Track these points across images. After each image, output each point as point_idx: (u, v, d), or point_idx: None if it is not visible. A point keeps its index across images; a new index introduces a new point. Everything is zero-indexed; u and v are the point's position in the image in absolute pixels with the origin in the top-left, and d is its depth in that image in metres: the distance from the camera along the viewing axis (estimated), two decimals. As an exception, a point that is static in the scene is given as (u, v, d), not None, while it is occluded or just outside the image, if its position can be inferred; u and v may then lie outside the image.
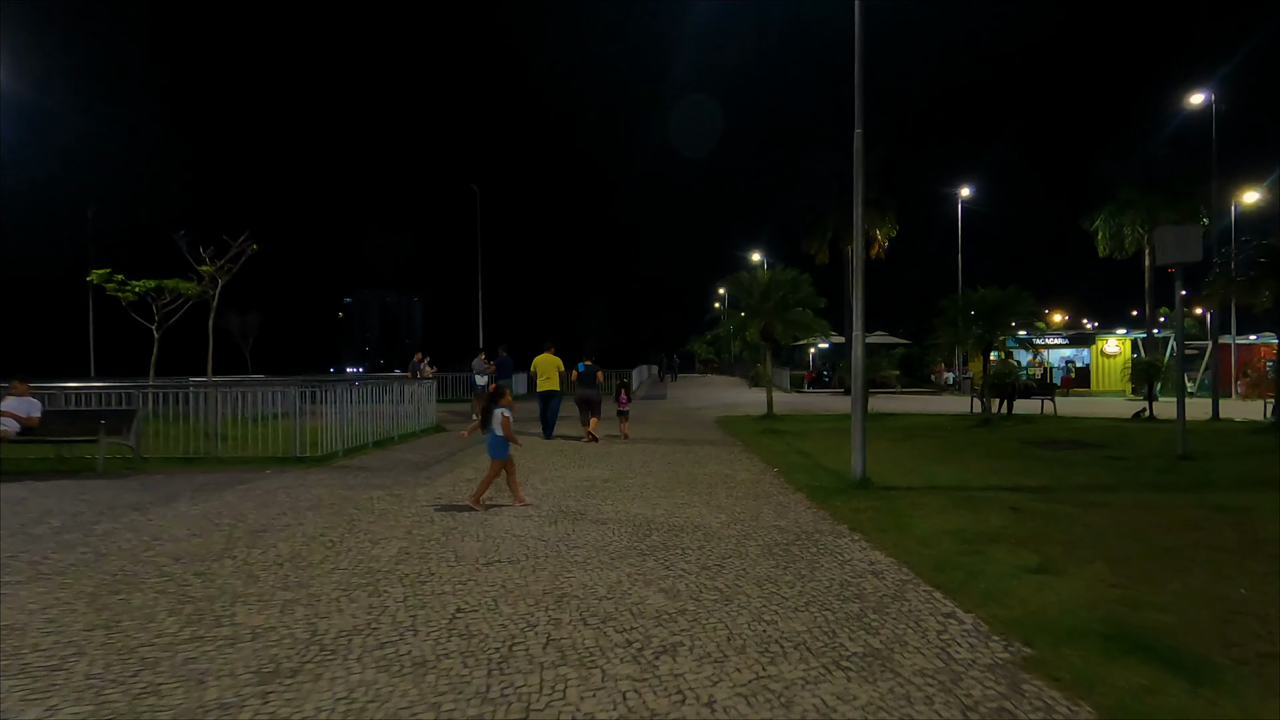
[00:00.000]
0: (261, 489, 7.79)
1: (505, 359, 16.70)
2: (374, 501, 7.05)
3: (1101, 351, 32.91)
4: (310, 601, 4.08)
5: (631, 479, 8.39)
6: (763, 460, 9.89)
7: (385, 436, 12.20)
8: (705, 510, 6.56)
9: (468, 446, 11.61)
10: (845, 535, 5.60)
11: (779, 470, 8.97)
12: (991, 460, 9.77)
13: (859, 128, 7.58)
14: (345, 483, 8.18)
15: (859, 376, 7.69)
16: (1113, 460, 9.68)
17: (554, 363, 12.79)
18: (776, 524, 6.00)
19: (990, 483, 7.91)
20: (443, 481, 8.23)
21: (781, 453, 10.63)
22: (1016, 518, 6.07)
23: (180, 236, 12.56)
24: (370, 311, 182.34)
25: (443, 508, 6.74)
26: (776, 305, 16.03)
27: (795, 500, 7.08)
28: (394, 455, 10.66)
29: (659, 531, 5.74)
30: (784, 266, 16.51)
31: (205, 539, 5.56)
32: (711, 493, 7.45)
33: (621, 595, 4.16)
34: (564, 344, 15.09)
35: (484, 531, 5.77)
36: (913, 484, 7.81)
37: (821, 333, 16.73)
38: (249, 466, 9.50)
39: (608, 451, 10.93)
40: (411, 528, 5.91)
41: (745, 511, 6.51)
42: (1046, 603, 3.94)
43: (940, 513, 6.29)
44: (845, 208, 28.30)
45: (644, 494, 7.42)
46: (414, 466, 9.47)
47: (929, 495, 7.10)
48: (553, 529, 5.85)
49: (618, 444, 11.95)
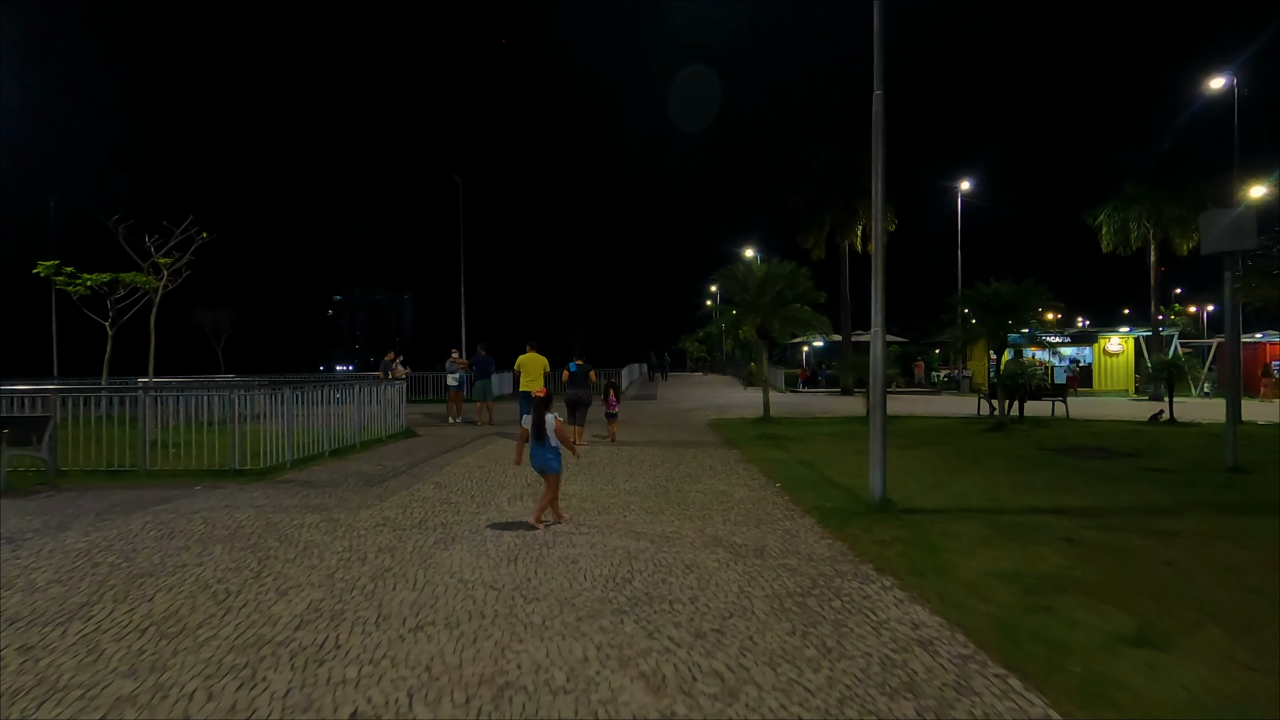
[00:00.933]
0: (177, 512, 6.62)
1: (484, 358, 15.56)
2: (303, 529, 5.90)
3: (1104, 350, 32.02)
4: (150, 698, 2.94)
5: (614, 497, 7.27)
6: (762, 473, 8.80)
7: (346, 444, 11.04)
8: (699, 542, 5.46)
9: (432, 457, 10.46)
10: (873, 579, 4.51)
11: (781, 485, 7.88)
12: (1018, 472, 8.72)
13: (878, 89, 6.48)
14: (280, 503, 7.02)
15: (879, 379, 6.60)
16: (1156, 473, 8.64)
17: (539, 362, 12.13)
18: (786, 561, 4.90)
19: (1028, 503, 6.84)
20: (394, 501, 7.08)
21: (782, 463, 9.54)
22: (1077, 554, 5.00)
23: (115, 223, 11.33)
24: (360, 309, 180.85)
25: (385, 536, 5.60)
26: (773, 300, 14.94)
27: (804, 526, 5.98)
28: (349, 466, 9.50)
29: (642, 574, 4.63)
30: (781, 259, 15.44)
31: (67, 588, 4.40)
32: (706, 516, 6.34)
33: (587, 685, 3.04)
34: (552, 342, 14.11)
35: (424, 575, 4.64)
36: (939, 505, 6.73)
37: (821, 330, 15.69)
38: (180, 481, 8.32)
39: (590, 461, 9.81)
40: (336, 569, 4.77)
41: (747, 543, 5.41)
42: (1172, 700, 2.86)
43: (982, 546, 5.21)
44: (843, 201, 27.28)
45: (626, 518, 6.31)
46: (367, 481, 8.32)
47: (962, 520, 6.01)
48: (509, 571, 4.73)
49: (601, 450, 10.84)
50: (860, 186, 27.19)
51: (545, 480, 6.13)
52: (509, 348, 13.54)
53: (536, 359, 12.12)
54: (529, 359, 12.10)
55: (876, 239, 6.56)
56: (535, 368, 12.07)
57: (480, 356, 15.59)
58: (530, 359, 12.11)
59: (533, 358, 12.11)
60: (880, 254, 6.58)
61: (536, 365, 12.09)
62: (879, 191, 6.51)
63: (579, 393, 11.78)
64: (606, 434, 12.44)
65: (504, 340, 30.20)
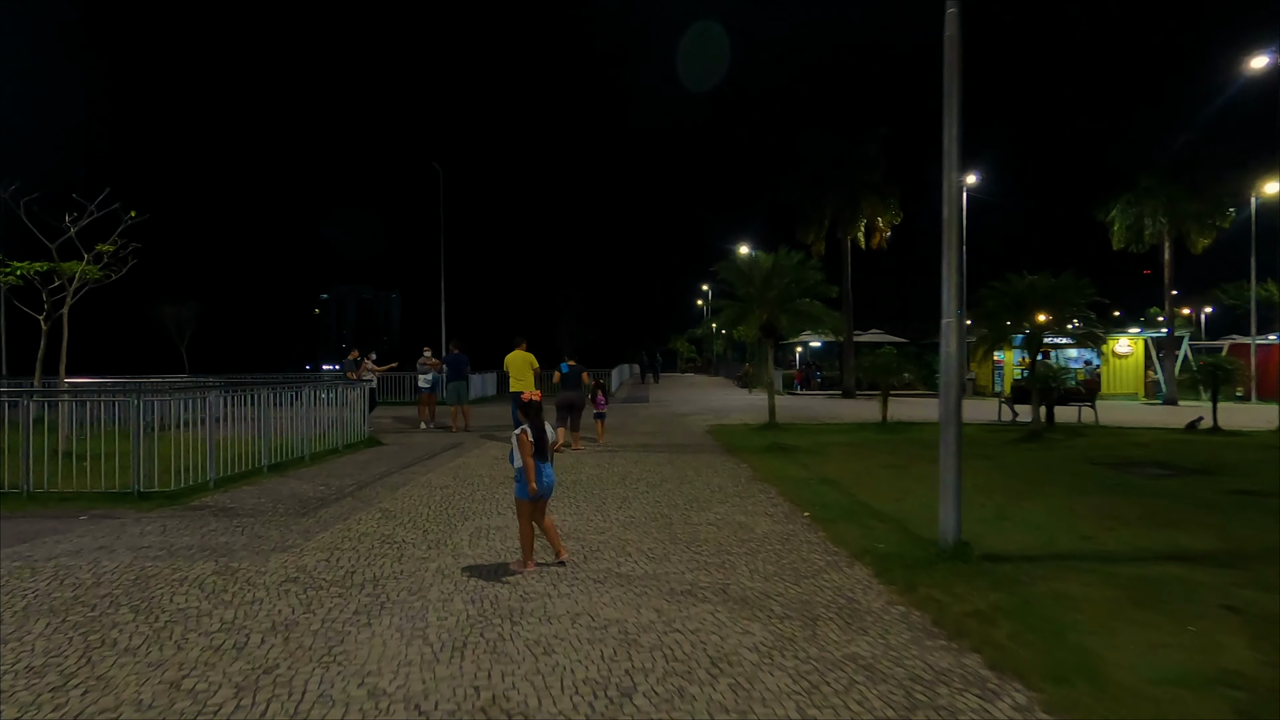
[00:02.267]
0: (27, 559, 5.03)
1: (457, 356, 13.97)
2: (180, 589, 4.33)
3: (1113, 352, 30.83)
4: None
5: (605, 532, 5.75)
6: (783, 495, 7.31)
7: (293, 456, 9.45)
8: (723, 609, 3.95)
9: (391, 473, 8.89)
10: (998, 692, 3.00)
11: (811, 515, 6.38)
12: (1089, 496, 7.27)
13: (952, 5, 4.96)
14: (172, 543, 5.44)
15: (953, 386, 5.11)
16: (1249, 497, 7.22)
17: (527, 360, 11.34)
18: (853, 650, 3.40)
19: (1131, 543, 5.39)
20: (323, 540, 5.52)
21: (803, 483, 8.05)
22: (1259, 632, 3.53)
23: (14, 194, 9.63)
24: (347, 308, 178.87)
25: (289, 602, 4.05)
26: (780, 294, 13.46)
27: (859, 582, 4.49)
28: (286, 486, 7.91)
29: (648, 678, 3.12)
30: (788, 249, 13.97)
31: None
32: (726, 564, 4.83)
33: None
34: (540, 342, 12.97)
35: (320, 681, 3.09)
36: (1024, 547, 5.26)
37: (832, 327, 14.18)
38: (68, 508, 6.72)
39: (576, 479, 8.29)
40: (191, 669, 3.22)
41: (789, 611, 3.91)
42: None
43: (1120, 620, 3.73)
44: (847, 194, 25.89)
45: (620, 568, 4.78)
46: (300, 507, 6.74)
47: (1068, 574, 4.54)
48: (450, 670, 3.19)
49: (590, 463, 9.31)
50: (864, 179, 25.87)
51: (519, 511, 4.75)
52: (496, 346, 12.40)
53: (525, 357, 11.30)
54: (517, 357, 11.29)
55: (949, 198, 5.06)
56: (524, 367, 11.28)
57: (453, 355, 14.00)
58: (518, 357, 11.30)
59: (521, 356, 11.30)
60: (955, 222, 5.09)
61: (526, 364, 11.29)
62: (953, 137, 5.01)
63: (571, 395, 10.96)
64: (594, 436, 11.79)
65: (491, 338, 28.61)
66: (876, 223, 26.27)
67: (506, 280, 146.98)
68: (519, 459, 4.60)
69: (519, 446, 4.59)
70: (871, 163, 25.68)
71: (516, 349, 11.35)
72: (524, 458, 4.57)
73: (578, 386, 11.14)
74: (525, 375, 11.30)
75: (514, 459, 4.66)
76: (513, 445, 4.66)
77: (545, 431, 4.74)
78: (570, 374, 11.13)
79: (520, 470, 4.62)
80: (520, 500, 4.66)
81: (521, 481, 4.62)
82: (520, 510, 4.70)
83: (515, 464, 4.66)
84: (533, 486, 4.57)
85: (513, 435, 4.68)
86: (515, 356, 11.33)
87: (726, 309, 14.11)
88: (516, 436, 4.62)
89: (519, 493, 4.65)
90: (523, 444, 4.58)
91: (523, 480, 4.60)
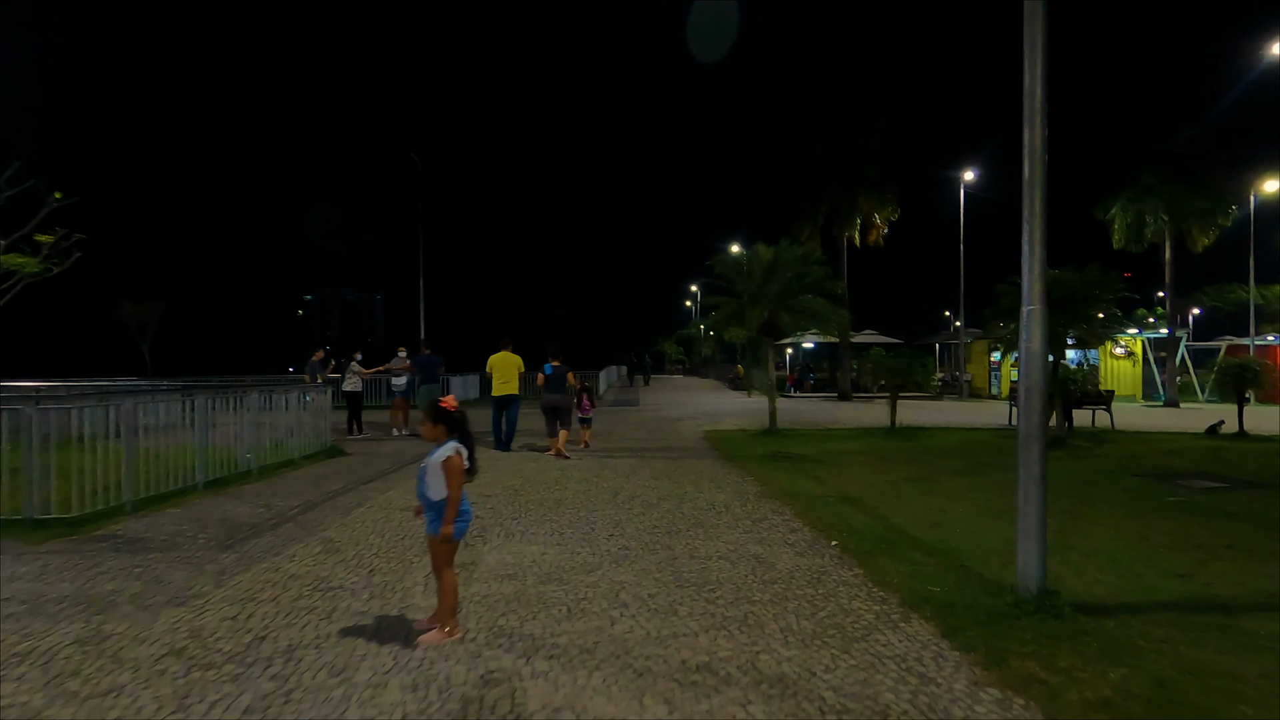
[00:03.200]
0: None
1: (428, 357, 12.85)
2: (15, 673, 3.20)
3: (1110, 353, 30.18)
4: None
5: (593, 571, 4.67)
6: (800, 517, 6.27)
7: (237, 470, 8.29)
8: (757, 703, 2.88)
9: (346, 490, 7.75)
10: None
11: (841, 546, 5.34)
12: (1152, 517, 6.30)
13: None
14: (43, 591, 4.29)
15: (1038, 391, 4.08)
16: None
17: (513, 362, 10.81)
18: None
19: (1238, 581, 4.40)
20: (237, 586, 4.39)
21: (820, 501, 7.01)
22: None
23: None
24: (332, 309, 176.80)
25: (157, 692, 2.94)
26: (781, 291, 12.44)
27: (929, 649, 3.43)
28: (218, 509, 6.75)
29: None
30: (790, 241, 12.95)
31: None
32: (751, 623, 3.77)
33: None
34: (525, 342, 12.16)
35: None
36: (1118, 592, 4.25)
37: (838, 326, 13.15)
38: (-57, 537, 5.53)
39: (561, 497, 7.21)
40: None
41: (848, 702, 2.85)
42: None
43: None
44: (843, 187, 25.00)
45: (614, 628, 3.70)
46: (225, 537, 5.60)
47: (1192, 633, 3.52)
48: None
49: (576, 475, 8.22)
50: (862, 173, 25.00)
51: (432, 553, 3.63)
52: (482, 347, 11.73)
53: (510, 359, 10.76)
54: (502, 359, 10.74)
55: (1031, 147, 4.04)
56: (509, 369, 10.74)
57: (424, 356, 12.87)
58: (503, 359, 10.74)
59: (506, 357, 10.74)
60: (1039, 180, 4.08)
61: (510, 366, 10.76)
62: (1037, 75, 3.98)
63: (555, 397, 10.37)
64: (579, 441, 11.25)
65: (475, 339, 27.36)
66: (873, 219, 25.39)
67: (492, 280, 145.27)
68: (441, 487, 3.47)
69: (447, 472, 3.45)
70: (870, 157, 24.79)
71: (502, 350, 10.76)
72: (453, 487, 3.45)
73: (562, 389, 10.54)
74: (511, 378, 10.75)
75: (430, 487, 3.51)
76: (432, 469, 3.50)
77: (475, 450, 3.64)
78: (554, 375, 10.54)
79: (440, 504, 3.48)
80: (445, 544, 3.54)
81: (437, 517, 3.50)
82: (440, 556, 3.55)
83: (433, 495, 3.51)
84: (448, 529, 3.46)
85: (434, 457, 3.50)
86: (500, 358, 10.73)
87: (723, 306, 13.08)
88: (445, 459, 3.47)
89: (439, 531, 3.53)
90: (453, 469, 3.46)
91: (438, 515, 3.49)
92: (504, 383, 10.72)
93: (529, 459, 10.21)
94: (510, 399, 10.77)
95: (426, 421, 3.60)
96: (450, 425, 3.57)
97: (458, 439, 3.55)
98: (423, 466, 3.55)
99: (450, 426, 3.57)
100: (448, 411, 3.58)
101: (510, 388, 10.76)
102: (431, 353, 12.98)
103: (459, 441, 3.54)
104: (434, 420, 3.57)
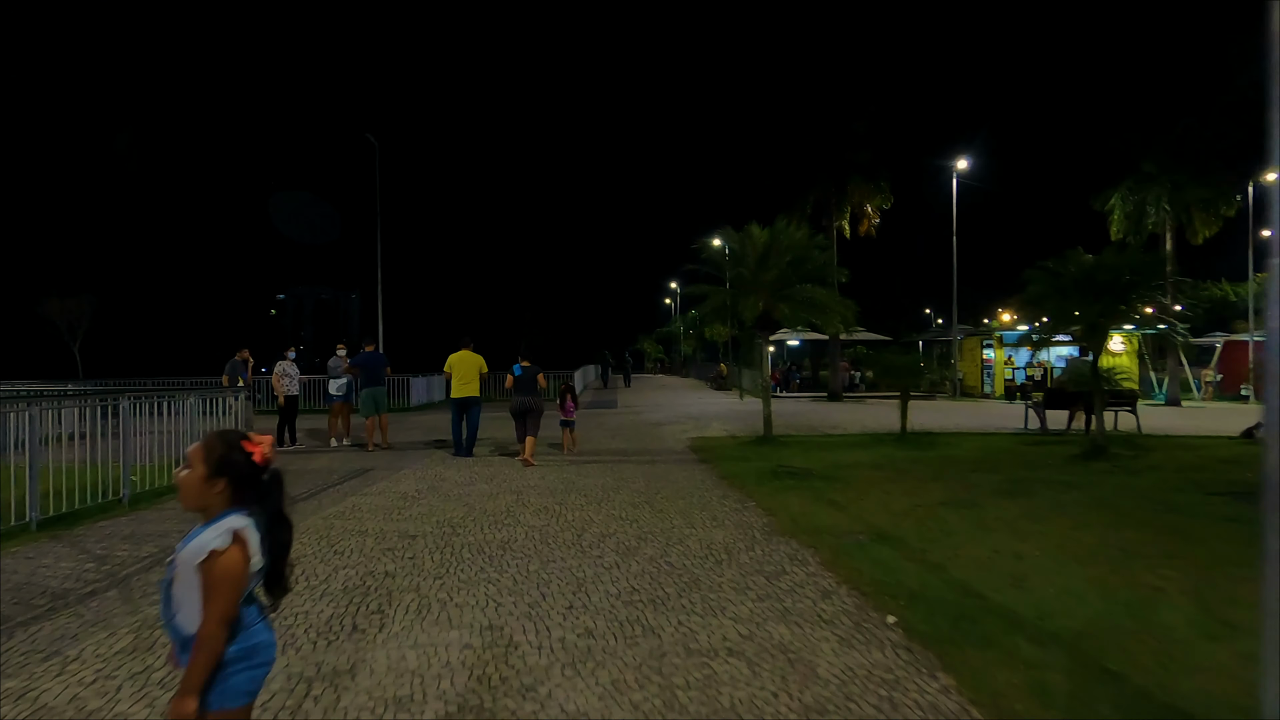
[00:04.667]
0: None
1: (371, 355, 11.08)
2: None
3: (1106, 350, 29.04)
4: None
5: (534, 687, 2.95)
6: (829, 569, 4.63)
7: (100, 500, 6.48)
8: None
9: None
10: None
11: (898, 620, 3.70)
12: None
13: None
14: None
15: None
16: None
17: (474, 362, 10.22)
18: None
19: None
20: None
21: (852, 541, 5.37)
22: None
23: None
24: (305, 309, 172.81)
25: None
26: (779, 277, 10.82)
27: None
28: (30, 563, 4.93)
29: None
30: (787, 221, 11.36)
31: None
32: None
33: None
34: (497, 341, 10.75)
35: None
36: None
37: (842, 318, 11.51)
38: None
39: (510, 538, 5.50)
40: None
41: None
42: None
43: None
44: (832, 174, 23.49)
45: None
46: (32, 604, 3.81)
47: None
48: None
49: (533, 504, 6.51)
50: (852, 159, 23.50)
51: None
52: (451, 346, 10.42)
53: (471, 359, 10.17)
54: (463, 358, 10.15)
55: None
56: (469, 369, 10.14)
57: (366, 355, 11.08)
58: (465, 358, 10.14)
59: (467, 357, 10.15)
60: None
61: (471, 366, 10.16)
62: None
63: (526, 399, 9.45)
64: (561, 445, 10.63)
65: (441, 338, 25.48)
66: (864, 209, 23.94)
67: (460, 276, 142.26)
68: (196, 610, 1.71)
69: (209, 581, 1.70)
70: (861, 141, 23.31)
71: (463, 348, 10.17)
72: (216, 608, 1.69)
73: (534, 390, 9.60)
74: (472, 378, 10.16)
75: (180, 607, 1.73)
76: (182, 573, 1.73)
77: (287, 534, 1.88)
78: (525, 376, 9.62)
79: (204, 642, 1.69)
80: (221, 714, 1.73)
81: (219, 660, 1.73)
82: None
83: (184, 624, 1.72)
84: (186, 703, 1.65)
85: (190, 548, 1.73)
86: (460, 357, 10.13)
87: (711, 296, 11.41)
88: (209, 555, 1.69)
89: (219, 698, 1.70)
90: (222, 576, 1.72)
91: None
92: (464, 384, 10.11)
93: (483, 475, 8.50)
94: (470, 401, 10.15)
95: (191, 470, 1.84)
96: (237, 483, 1.82)
97: (246, 511, 1.81)
98: (170, 563, 1.81)
99: (238, 485, 1.82)
100: (233, 458, 1.82)
101: (471, 389, 10.13)
102: (375, 350, 11.22)
103: (248, 517, 1.80)
104: (208, 469, 1.82)
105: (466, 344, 10.17)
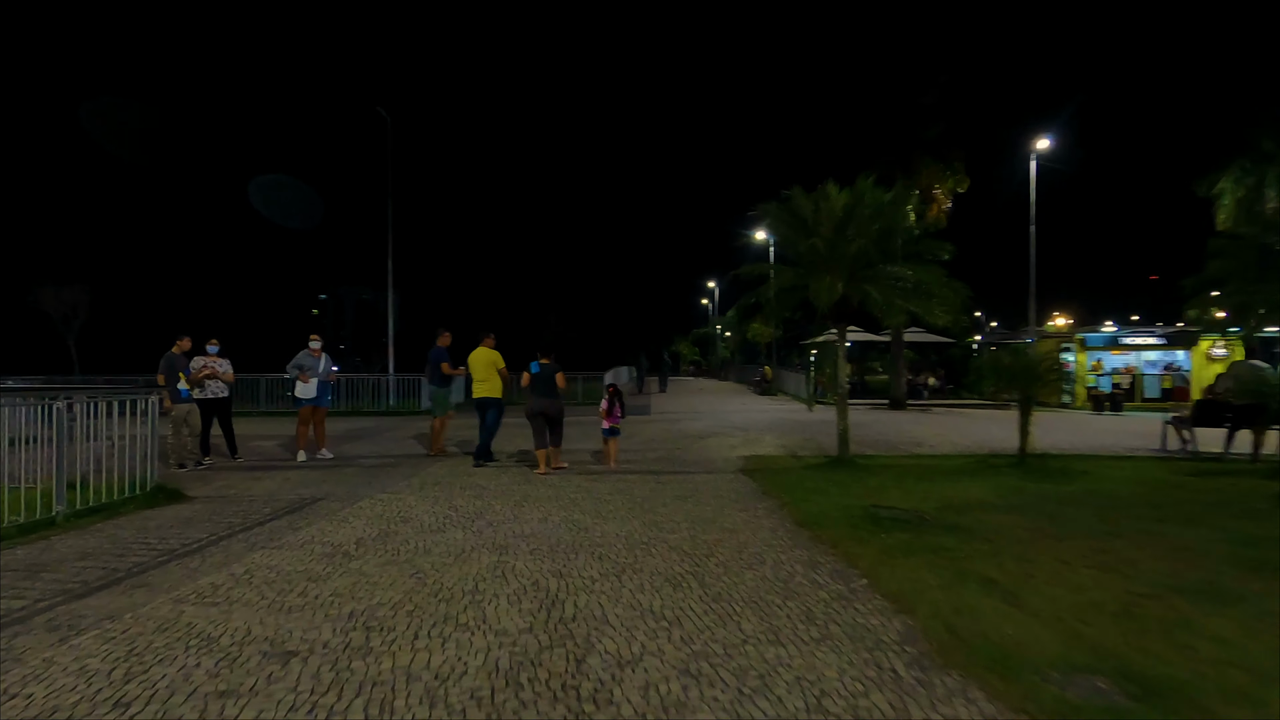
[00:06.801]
0: None
1: (435, 351, 9.56)
2: None
3: (1206, 355, 25.65)
4: None
5: None
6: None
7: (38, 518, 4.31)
8: None
9: (86, 593, 3.68)
10: None
11: None
12: None
13: None
14: None
15: None
16: None
17: (488, 359, 9.37)
18: None
19: None
20: None
21: (1080, 700, 2.86)
22: None
23: None
24: (346, 309, 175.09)
25: None
26: (861, 251, 8.27)
27: None
28: None
29: None
30: (869, 178, 8.86)
31: None
32: None
33: None
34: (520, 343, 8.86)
35: None
36: None
37: (948, 308, 8.67)
38: None
39: (488, 681, 3.14)
40: None
41: None
42: None
43: None
44: (897, 152, 20.75)
45: None
46: None
47: None
48: None
49: (522, 571, 4.16)
50: (919, 135, 20.71)
51: None
52: (462, 345, 9.94)
53: (485, 355, 9.36)
54: (481, 356, 9.41)
55: None
56: (489, 368, 9.34)
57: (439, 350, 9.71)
58: (482, 356, 9.38)
59: (485, 354, 9.38)
60: None
61: (485, 364, 9.32)
62: None
63: (545, 402, 8.50)
64: (605, 456, 9.26)
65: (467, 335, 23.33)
66: (933, 191, 21.08)
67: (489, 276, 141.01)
68: None
69: None
70: (930, 116, 20.50)
71: (481, 345, 9.46)
72: None
73: (553, 392, 8.58)
74: (490, 377, 9.37)
75: None
76: None
77: None
78: (542, 374, 8.63)
79: None
80: None
81: None
82: None
83: None
84: None
85: None
86: (479, 355, 9.42)
87: (777, 275, 8.88)
88: None
89: None
90: None
91: None
92: (479, 382, 9.40)
93: (468, 511, 6.18)
94: (487, 402, 9.31)
95: None
96: None
97: None
98: None
99: None
100: None
101: (486, 389, 9.31)
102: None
103: None
104: None
105: (485, 340, 9.47)
